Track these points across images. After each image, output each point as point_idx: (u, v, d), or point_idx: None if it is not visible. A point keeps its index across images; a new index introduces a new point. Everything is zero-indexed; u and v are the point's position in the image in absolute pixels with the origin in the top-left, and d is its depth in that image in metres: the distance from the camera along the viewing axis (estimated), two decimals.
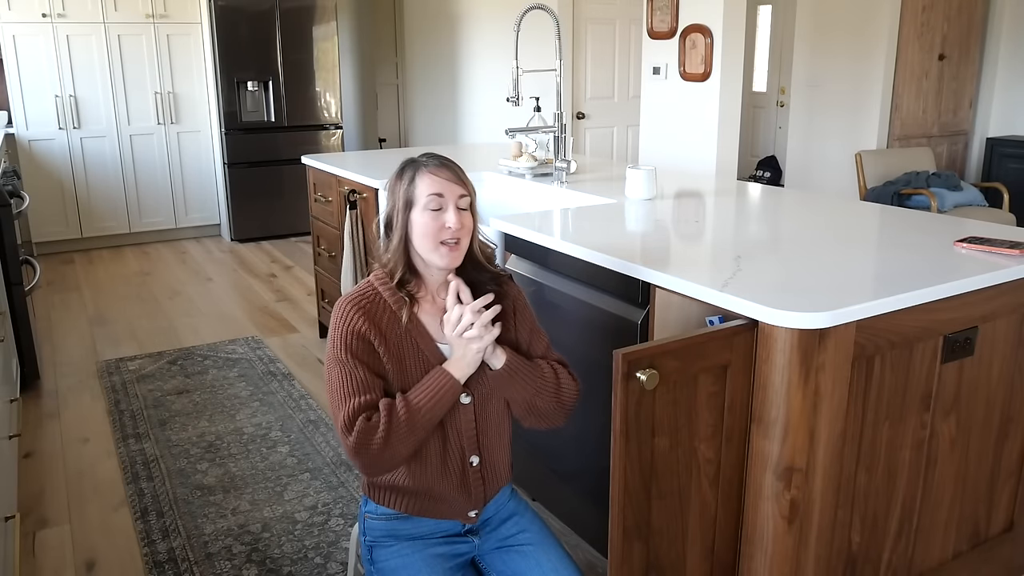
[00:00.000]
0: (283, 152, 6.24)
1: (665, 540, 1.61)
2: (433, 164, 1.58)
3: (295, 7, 6.09)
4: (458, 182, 1.58)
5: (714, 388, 1.56)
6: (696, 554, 1.66)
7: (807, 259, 1.86)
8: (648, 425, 1.50)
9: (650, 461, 1.53)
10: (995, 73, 6.05)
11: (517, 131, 3.08)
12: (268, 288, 5.07)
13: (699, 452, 1.59)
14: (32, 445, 3.06)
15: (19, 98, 5.60)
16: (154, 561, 2.33)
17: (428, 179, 1.55)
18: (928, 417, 1.77)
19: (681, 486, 1.59)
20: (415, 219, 1.55)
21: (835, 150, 5.87)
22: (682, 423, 1.55)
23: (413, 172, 1.57)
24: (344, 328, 1.52)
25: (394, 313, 1.55)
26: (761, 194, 2.77)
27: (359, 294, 1.57)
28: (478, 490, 1.65)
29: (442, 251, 1.54)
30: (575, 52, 5.60)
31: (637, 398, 1.46)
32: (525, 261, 2.34)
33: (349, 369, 1.51)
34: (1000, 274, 1.75)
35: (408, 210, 1.56)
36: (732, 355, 1.56)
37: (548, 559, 1.64)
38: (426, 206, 1.54)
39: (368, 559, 1.67)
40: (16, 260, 3.42)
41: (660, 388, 1.48)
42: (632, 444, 1.49)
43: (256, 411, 3.30)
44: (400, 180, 1.58)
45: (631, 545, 1.55)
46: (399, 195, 1.57)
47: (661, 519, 1.59)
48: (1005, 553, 2.09)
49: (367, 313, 1.54)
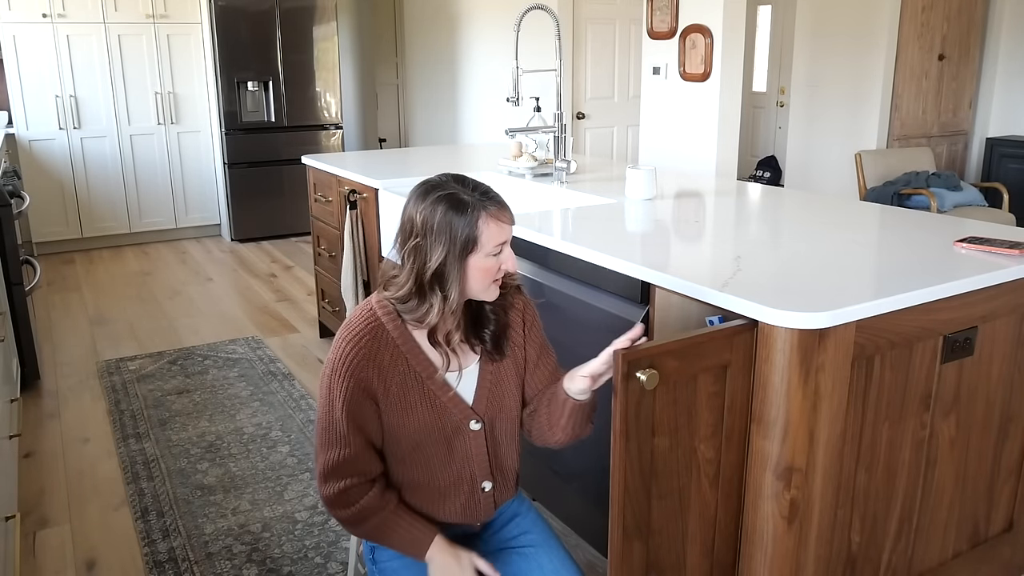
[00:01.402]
0: (283, 152, 6.25)
1: (665, 540, 1.60)
2: (495, 207, 1.43)
3: (295, 7, 6.10)
4: (513, 220, 1.48)
5: (714, 388, 1.56)
6: (696, 554, 1.66)
7: (807, 259, 1.86)
8: (648, 425, 1.50)
9: (650, 461, 1.53)
10: (995, 73, 6.06)
11: (517, 131, 3.08)
12: (268, 288, 5.08)
13: (699, 452, 1.59)
14: (32, 445, 3.07)
15: (19, 98, 5.60)
16: (154, 561, 2.33)
17: (496, 226, 1.43)
18: (928, 417, 1.77)
19: (681, 486, 1.58)
20: (473, 264, 1.43)
21: (835, 150, 5.87)
22: (682, 423, 1.54)
23: (476, 214, 1.40)
24: (344, 375, 1.45)
25: (398, 348, 1.48)
26: (761, 194, 2.77)
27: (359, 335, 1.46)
28: (487, 509, 1.63)
29: (493, 288, 1.49)
30: (575, 52, 5.60)
31: (637, 398, 1.45)
32: (525, 261, 2.34)
33: (336, 417, 1.47)
34: (1000, 274, 1.75)
35: (467, 255, 1.42)
36: (732, 355, 1.55)
37: (550, 561, 1.63)
38: (490, 253, 1.43)
39: (370, 559, 1.66)
40: (16, 260, 3.42)
41: (660, 388, 1.47)
42: (632, 444, 1.49)
43: (256, 411, 3.30)
44: (456, 218, 1.39)
45: (631, 545, 1.55)
46: (457, 237, 1.40)
47: (661, 519, 1.58)
48: (1005, 553, 2.09)
49: (369, 359, 1.46)
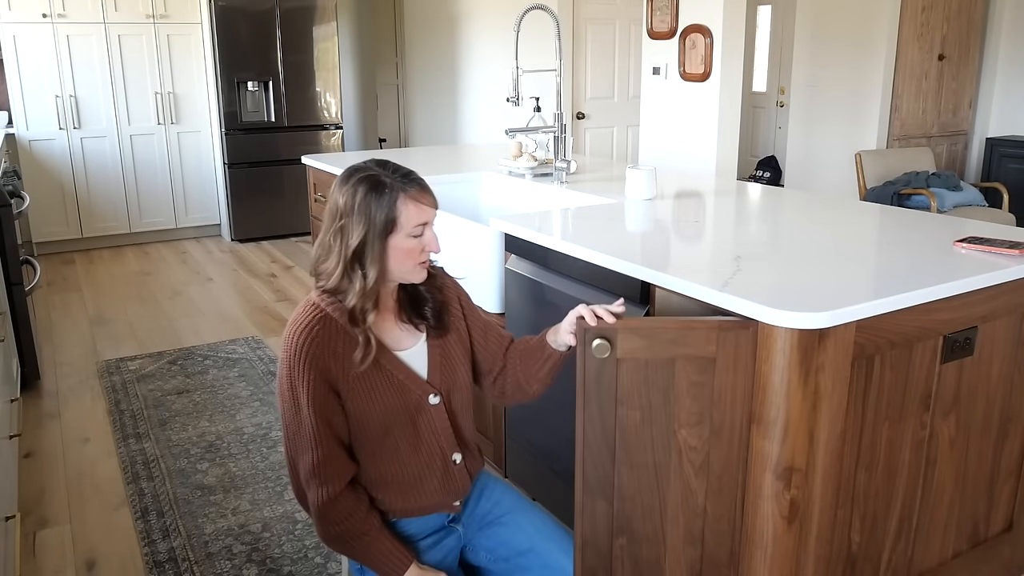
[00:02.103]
0: (283, 152, 6.25)
1: (639, 509, 1.67)
2: (414, 188, 1.48)
3: (295, 7, 6.09)
4: (435, 203, 1.53)
5: (698, 378, 1.58)
6: (677, 536, 1.69)
7: (807, 259, 1.86)
8: (611, 393, 1.60)
9: (614, 427, 1.62)
10: (995, 73, 6.06)
11: (517, 131, 3.08)
12: (268, 288, 5.08)
13: (680, 436, 1.62)
14: (32, 445, 3.07)
15: (19, 98, 5.60)
16: (154, 561, 2.33)
17: (415, 207, 1.48)
18: (928, 417, 1.77)
19: (658, 463, 1.64)
20: (395, 244, 1.47)
21: (835, 150, 5.87)
22: (656, 402, 1.60)
23: (394, 195, 1.46)
24: (303, 368, 1.46)
25: (348, 334, 1.49)
26: (761, 194, 2.77)
27: (308, 326, 1.48)
28: (463, 482, 1.68)
29: (419, 269, 1.53)
30: (575, 52, 5.60)
31: (596, 365, 1.58)
32: (525, 261, 2.34)
33: (304, 416, 1.48)
34: (1000, 274, 1.75)
35: (387, 235, 1.46)
36: (719, 350, 1.56)
37: (528, 521, 1.70)
38: (411, 233, 1.48)
39: (359, 568, 1.66)
40: (16, 260, 3.42)
41: (627, 364, 1.58)
42: (592, 406, 1.61)
43: (256, 411, 3.30)
44: (375, 200, 1.45)
45: (593, 501, 1.66)
46: (376, 218, 1.45)
47: (632, 487, 1.66)
48: (1005, 553, 2.09)
49: (323, 347, 1.47)
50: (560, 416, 2.26)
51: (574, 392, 2.18)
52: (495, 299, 2.45)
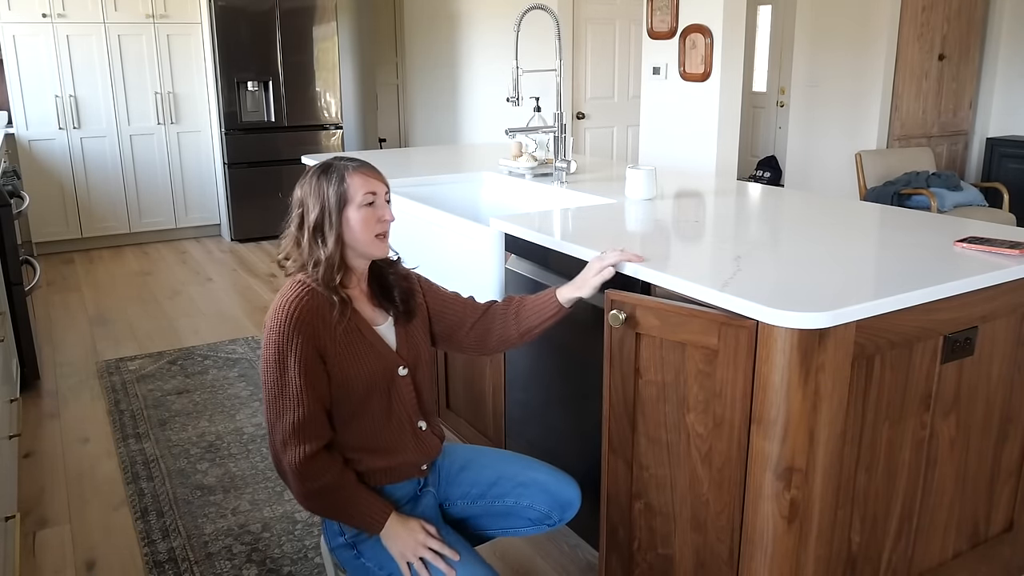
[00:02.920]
0: (283, 152, 6.24)
1: (654, 481, 1.79)
2: (357, 164, 1.66)
3: (295, 7, 6.09)
4: (383, 180, 1.69)
5: (705, 368, 1.63)
6: (686, 519, 1.75)
7: (807, 259, 1.86)
8: (631, 363, 1.75)
9: (633, 396, 1.77)
10: (995, 73, 6.06)
11: (517, 131, 3.08)
12: (268, 288, 5.07)
13: (688, 421, 1.70)
14: (32, 445, 3.07)
15: (19, 98, 5.60)
16: (154, 561, 2.33)
17: (360, 178, 1.64)
18: (928, 417, 1.77)
19: (670, 441, 1.74)
20: (351, 216, 1.63)
21: (835, 150, 5.87)
22: (669, 381, 1.71)
23: (340, 173, 1.64)
24: (293, 332, 1.57)
25: (335, 306, 1.64)
26: (761, 194, 2.77)
27: (298, 296, 1.61)
28: (433, 444, 1.81)
29: (378, 242, 1.67)
30: (575, 52, 5.60)
31: (619, 334, 1.76)
32: (525, 261, 2.34)
33: (290, 377, 1.58)
34: (1000, 274, 1.75)
35: (342, 209, 1.63)
36: (720, 343, 1.59)
37: (489, 458, 1.88)
38: (362, 203, 1.63)
39: (355, 554, 1.72)
40: (16, 260, 3.42)
41: (645, 340, 1.72)
42: (616, 369, 1.79)
43: (256, 411, 3.30)
44: (326, 181, 1.64)
45: (616, 461, 1.84)
46: (328, 196, 1.63)
47: (649, 458, 1.79)
48: (1005, 553, 2.09)
49: (313, 313, 1.60)
50: (560, 416, 2.26)
51: (574, 392, 2.19)
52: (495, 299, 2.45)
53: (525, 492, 1.79)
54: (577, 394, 2.17)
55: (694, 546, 1.75)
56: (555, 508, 1.80)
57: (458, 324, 1.88)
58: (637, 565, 1.89)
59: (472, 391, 2.72)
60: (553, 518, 1.80)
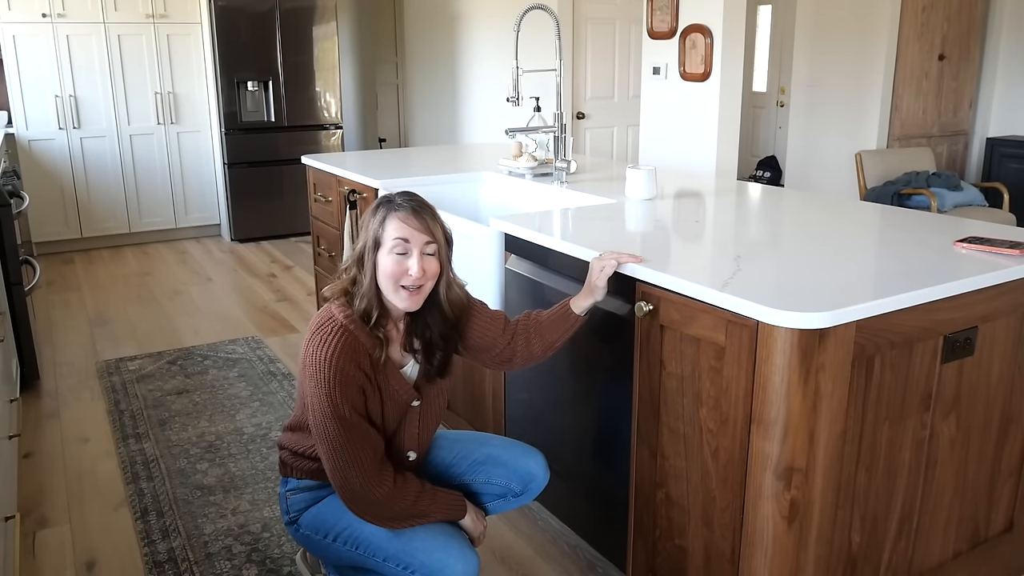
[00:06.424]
0: (283, 152, 6.24)
1: (673, 471, 1.83)
2: (405, 210, 1.63)
3: (295, 7, 6.09)
4: (426, 231, 1.62)
5: (715, 364, 1.65)
6: (698, 513, 1.77)
7: (807, 259, 1.86)
8: (656, 353, 1.80)
9: (658, 386, 1.81)
10: (995, 73, 6.06)
11: (517, 131, 3.08)
12: (268, 288, 5.08)
13: (701, 416, 1.72)
14: (32, 445, 3.06)
15: (19, 98, 5.60)
16: (154, 561, 2.33)
17: (396, 224, 1.61)
18: (928, 417, 1.77)
19: (687, 433, 1.77)
20: (381, 259, 1.63)
21: (835, 150, 5.87)
22: (687, 374, 1.74)
23: (385, 213, 1.63)
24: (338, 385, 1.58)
25: (366, 342, 1.64)
26: (761, 194, 2.77)
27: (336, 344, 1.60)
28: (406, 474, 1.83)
29: (402, 294, 1.63)
30: (575, 52, 5.60)
31: (645, 324, 1.81)
32: (525, 261, 2.34)
33: (347, 417, 1.60)
34: (1000, 274, 1.75)
35: (376, 249, 1.63)
36: (727, 342, 1.60)
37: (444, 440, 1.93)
38: (392, 249, 1.61)
39: (296, 530, 1.79)
40: (16, 260, 3.42)
41: (668, 333, 1.76)
42: (644, 358, 1.84)
43: (256, 411, 3.30)
44: (373, 218, 1.65)
45: (643, 448, 1.90)
46: (370, 233, 1.64)
47: (669, 448, 1.83)
48: (1005, 553, 2.09)
49: (350, 359, 1.61)
50: (560, 416, 2.26)
51: (574, 392, 2.18)
52: (495, 299, 2.45)
53: (480, 468, 1.85)
54: (578, 394, 2.17)
55: (703, 540, 1.77)
56: (514, 479, 1.84)
57: (487, 348, 1.89)
58: (658, 553, 1.92)
59: (472, 391, 2.72)
60: (515, 490, 1.84)
